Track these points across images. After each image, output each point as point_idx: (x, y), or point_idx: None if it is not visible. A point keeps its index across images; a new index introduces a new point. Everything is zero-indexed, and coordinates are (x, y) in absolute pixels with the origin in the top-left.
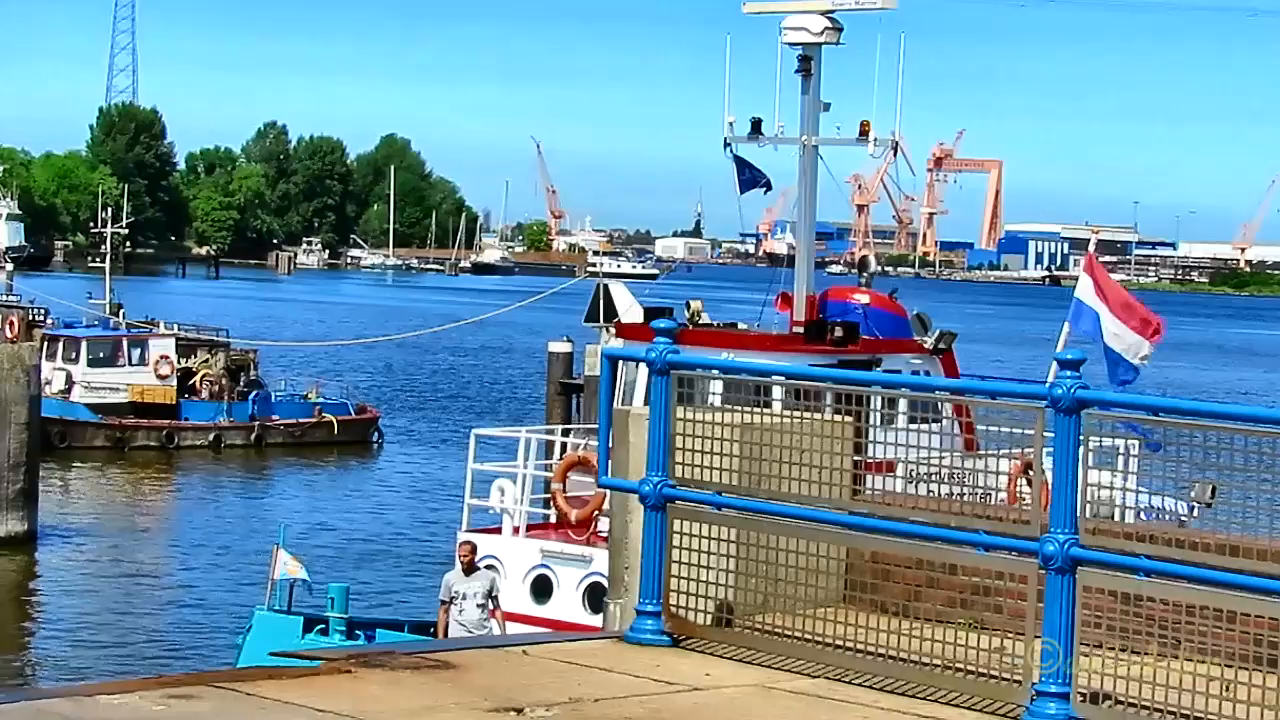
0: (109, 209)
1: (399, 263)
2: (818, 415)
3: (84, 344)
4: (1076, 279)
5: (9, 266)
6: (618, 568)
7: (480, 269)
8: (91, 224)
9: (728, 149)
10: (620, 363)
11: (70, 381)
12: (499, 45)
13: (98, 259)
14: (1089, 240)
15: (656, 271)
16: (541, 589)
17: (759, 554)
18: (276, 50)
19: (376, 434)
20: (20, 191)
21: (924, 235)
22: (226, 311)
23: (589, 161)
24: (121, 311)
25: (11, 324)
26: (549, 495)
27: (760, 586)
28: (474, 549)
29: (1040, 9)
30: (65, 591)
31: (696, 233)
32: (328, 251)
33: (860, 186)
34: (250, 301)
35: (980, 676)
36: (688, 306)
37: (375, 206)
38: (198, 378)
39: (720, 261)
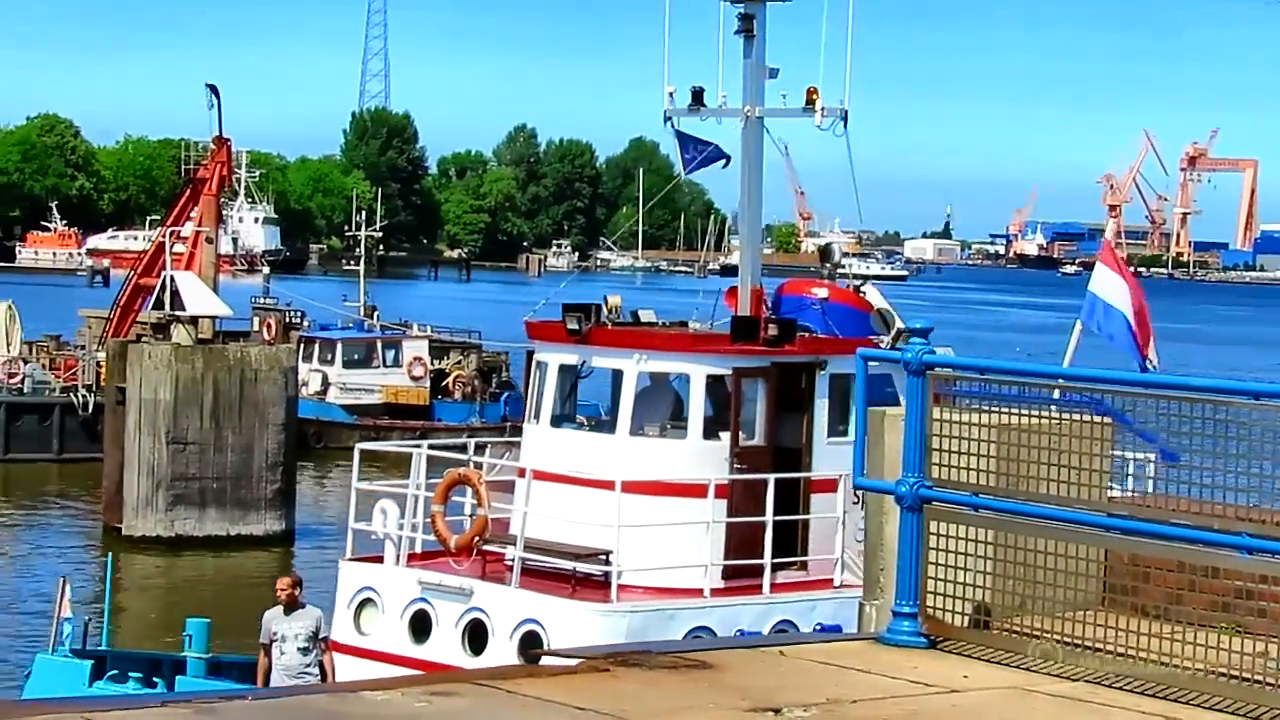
0: (363, 213)
1: (648, 265)
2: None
3: (339, 346)
4: None
5: (266, 270)
6: (873, 569)
7: (728, 271)
8: (345, 227)
9: (668, 123)
10: (533, 366)
11: (326, 383)
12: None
13: (352, 262)
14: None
15: (905, 273)
16: (420, 627)
17: (1016, 555)
18: (525, 55)
19: None
20: (276, 196)
21: (1177, 236)
22: (478, 313)
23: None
24: (375, 314)
25: (269, 326)
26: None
27: (1017, 588)
28: (295, 584)
29: None
30: (322, 589)
31: (946, 234)
32: (577, 254)
33: (1112, 187)
34: (501, 304)
35: (1244, 682)
36: (605, 303)
37: (624, 209)
38: (450, 379)
39: (970, 263)
